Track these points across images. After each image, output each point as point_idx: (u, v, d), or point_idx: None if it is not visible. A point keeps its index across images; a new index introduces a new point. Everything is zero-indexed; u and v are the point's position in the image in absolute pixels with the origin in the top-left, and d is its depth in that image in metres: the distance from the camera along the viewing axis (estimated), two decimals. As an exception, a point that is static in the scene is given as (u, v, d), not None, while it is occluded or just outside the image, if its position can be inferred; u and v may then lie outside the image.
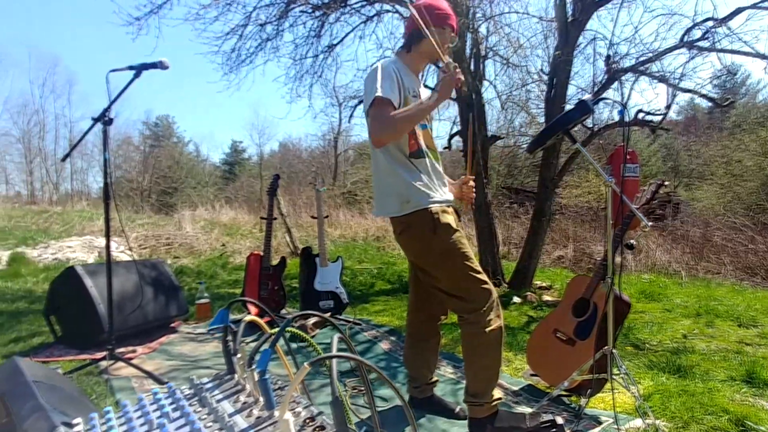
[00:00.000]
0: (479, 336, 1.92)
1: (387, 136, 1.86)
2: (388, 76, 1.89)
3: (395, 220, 2.00)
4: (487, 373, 1.94)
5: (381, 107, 1.84)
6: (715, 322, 4.51)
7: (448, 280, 1.95)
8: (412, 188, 1.91)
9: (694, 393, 2.24)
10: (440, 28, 2.00)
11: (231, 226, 11.36)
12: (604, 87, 5.58)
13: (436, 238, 1.91)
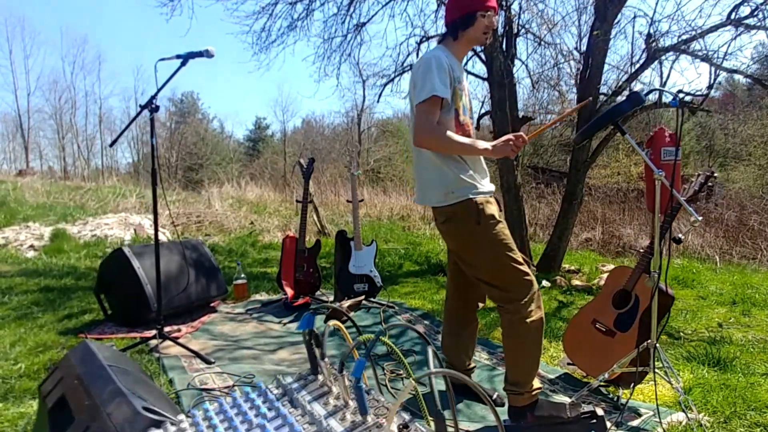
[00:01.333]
0: (520, 326, 1.94)
1: (426, 145, 1.92)
2: (443, 70, 1.90)
3: (438, 210, 2.02)
4: (528, 362, 1.97)
5: (434, 107, 1.87)
6: (752, 311, 4.44)
7: (490, 271, 1.97)
8: (459, 180, 1.93)
9: (735, 387, 2.24)
10: (484, 11, 1.98)
11: (258, 204, 11.53)
12: (642, 67, 5.42)
13: (480, 228, 1.93)
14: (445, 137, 1.88)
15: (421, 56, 2.01)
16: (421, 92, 1.88)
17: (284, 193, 14.41)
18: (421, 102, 1.87)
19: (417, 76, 1.94)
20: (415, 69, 1.98)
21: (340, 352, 2.83)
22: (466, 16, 1.98)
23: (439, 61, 1.90)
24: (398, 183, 21.09)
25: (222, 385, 2.17)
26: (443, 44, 2.07)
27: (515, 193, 6.00)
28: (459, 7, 2.00)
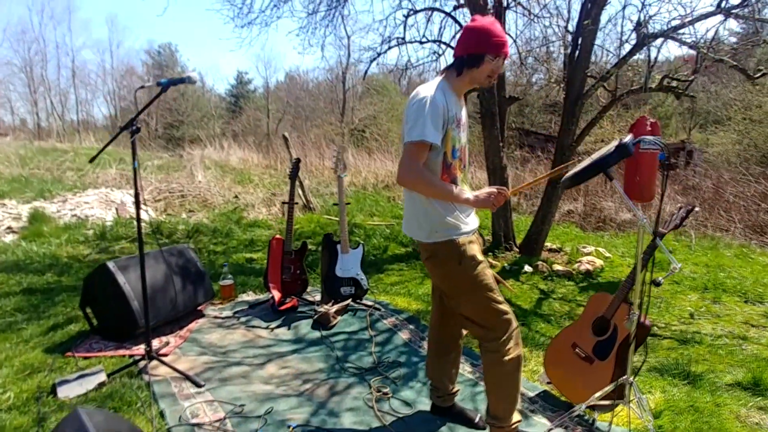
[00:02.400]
0: (499, 365, 2.03)
1: (408, 186, 1.97)
2: (437, 114, 1.89)
3: (422, 245, 2.07)
4: (507, 399, 2.06)
5: (420, 151, 1.88)
6: (722, 297, 4.62)
7: (471, 309, 2.05)
8: (443, 221, 1.97)
9: (702, 410, 2.37)
10: (495, 55, 1.95)
11: (242, 171, 11.37)
12: (631, 53, 5.36)
13: (461, 268, 1.99)
14: (428, 183, 1.91)
15: (418, 91, 1.96)
16: (412, 132, 1.88)
17: (268, 157, 14.19)
18: (410, 143, 1.87)
19: (410, 114, 1.93)
20: (409, 103, 1.96)
21: (327, 365, 2.90)
22: (475, 56, 1.95)
23: (434, 103, 1.88)
24: (383, 143, 20.90)
25: (213, 418, 2.22)
26: (446, 77, 2.03)
27: (500, 174, 6.01)
28: (470, 45, 1.96)
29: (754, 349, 3.40)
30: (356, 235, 6.62)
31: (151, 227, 6.18)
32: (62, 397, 2.33)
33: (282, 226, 7.09)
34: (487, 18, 2.00)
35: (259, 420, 2.23)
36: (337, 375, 2.78)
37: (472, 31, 1.96)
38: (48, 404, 2.29)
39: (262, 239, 6.33)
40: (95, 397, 2.36)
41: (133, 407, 2.28)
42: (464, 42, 1.98)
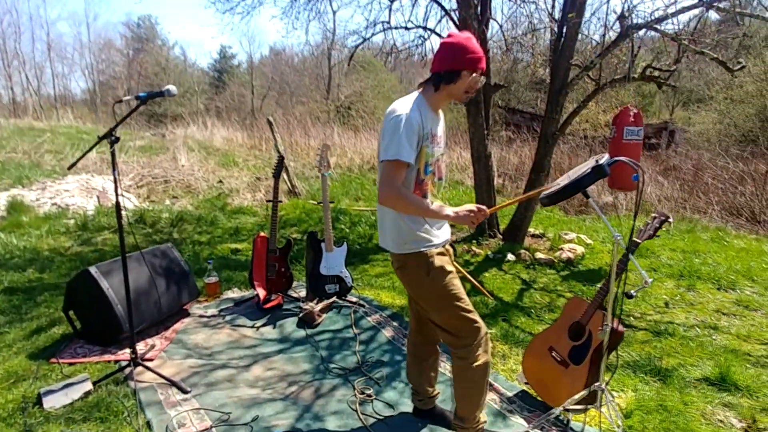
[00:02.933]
0: (467, 370, 2.12)
1: (389, 205, 1.99)
2: (412, 132, 1.91)
3: (393, 256, 2.14)
4: (473, 402, 2.17)
5: (398, 170, 1.92)
6: (697, 285, 4.76)
7: (440, 317, 2.12)
8: (413, 234, 2.04)
9: (671, 409, 2.48)
10: (471, 71, 1.98)
11: (226, 153, 11.23)
12: (615, 43, 5.37)
13: (430, 279, 2.06)
14: (409, 203, 1.95)
15: (394, 107, 1.98)
16: (387, 150, 1.91)
17: (253, 136, 14.02)
18: (387, 161, 1.91)
19: (386, 131, 1.95)
20: (386, 119, 1.98)
21: (312, 365, 2.96)
22: (452, 72, 1.97)
23: (409, 121, 1.90)
24: (369, 120, 20.75)
25: (200, 428, 2.27)
26: (423, 93, 2.05)
27: (485, 162, 6.05)
28: (447, 61, 1.98)
29: (723, 339, 3.54)
30: (341, 222, 6.64)
31: (135, 216, 6.14)
32: (48, 408, 2.36)
33: (266, 212, 7.08)
34: (464, 34, 2.02)
35: (245, 428, 2.29)
36: (322, 376, 2.85)
37: (449, 47, 1.98)
38: (34, 415, 2.31)
39: (247, 227, 6.32)
40: (81, 407, 2.39)
41: (119, 417, 2.32)
42: (441, 58, 1.99)
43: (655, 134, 14.76)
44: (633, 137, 5.30)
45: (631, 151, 5.37)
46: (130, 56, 26.43)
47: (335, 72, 23.55)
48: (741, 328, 3.74)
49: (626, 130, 5.27)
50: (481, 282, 4.51)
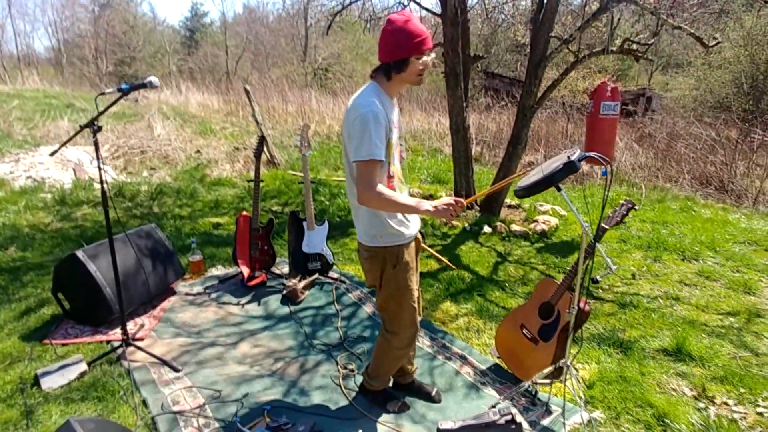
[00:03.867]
0: (388, 349, 2.37)
1: (371, 206, 2.03)
2: (380, 128, 1.93)
3: (364, 246, 2.20)
4: (382, 370, 2.47)
5: (374, 169, 1.94)
6: (663, 256, 5.01)
7: (389, 305, 2.27)
8: (385, 225, 2.11)
9: (630, 380, 2.71)
10: (419, 55, 1.98)
11: (202, 120, 11.04)
12: (594, 16, 5.42)
13: (394, 272, 2.18)
14: (389, 200, 1.98)
15: (357, 103, 1.99)
16: (359, 150, 1.92)
17: (229, 101, 13.76)
18: (362, 162, 1.93)
19: (354, 129, 1.95)
20: (350, 116, 1.98)
21: (297, 342, 3.10)
22: (400, 61, 1.98)
23: (377, 118, 1.92)
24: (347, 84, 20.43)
25: (194, 404, 2.41)
26: (376, 81, 2.06)
27: (463, 134, 6.14)
28: (393, 51, 1.97)
29: (683, 310, 3.79)
30: (321, 194, 6.70)
31: (113, 190, 6.10)
32: (46, 389, 2.46)
33: (246, 184, 7.09)
34: (402, 17, 1.97)
35: (236, 404, 2.43)
36: (306, 352, 3.00)
37: (392, 35, 1.95)
38: (33, 396, 2.42)
39: (227, 200, 6.34)
40: (78, 387, 2.50)
41: (116, 396, 2.44)
42: (386, 48, 1.98)
43: (633, 101, 14.96)
44: (609, 112, 5.44)
45: (606, 125, 5.53)
46: (95, 13, 25.21)
47: (312, 33, 22.95)
48: (701, 298, 4.00)
49: (603, 105, 5.40)
50: (458, 256, 4.68)
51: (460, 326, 3.35)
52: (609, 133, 5.63)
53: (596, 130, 5.50)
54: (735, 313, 3.77)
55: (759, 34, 14.41)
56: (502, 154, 10.44)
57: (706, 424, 2.39)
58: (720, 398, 2.64)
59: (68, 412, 2.32)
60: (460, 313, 3.53)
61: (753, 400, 2.63)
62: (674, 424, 2.37)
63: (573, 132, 11.36)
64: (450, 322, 3.41)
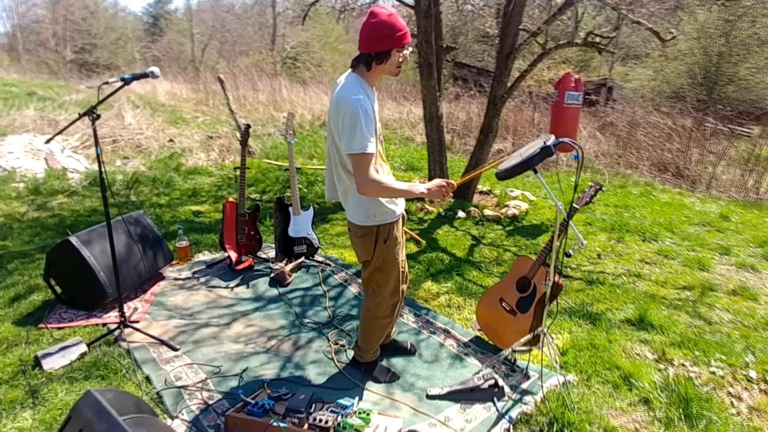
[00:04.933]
0: (372, 321, 2.56)
1: (371, 194, 2.17)
2: (369, 121, 2.07)
3: (357, 226, 2.35)
4: (369, 341, 2.64)
5: (369, 161, 2.07)
6: (625, 237, 5.35)
7: (375, 276, 2.47)
8: (381, 207, 2.28)
9: (598, 346, 2.97)
10: (399, 48, 2.12)
11: (173, 110, 10.88)
12: (560, 10, 5.67)
13: (384, 247, 2.37)
14: (388, 189, 2.15)
15: (343, 94, 2.09)
16: (351, 144, 2.03)
17: (198, 90, 13.56)
18: (356, 155, 2.05)
19: (344, 124, 2.05)
20: (341, 111, 2.06)
21: (288, 321, 3.24)
22: (382, 53, 2.10)
23: (366, 111, 2.04)
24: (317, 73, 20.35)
25: (196, 380, 2.53)
26: (358, 73, 2.18)
27: (437, 123, 6.32)
28: (374, 44, 2.09)
29: (644, 285, 4.11)
30: (299, 182, 6.79)
31: (88, 180, 6.04)
32: (48, 369, 2.53)
33: (222, 173, 7.11)
34: (385, 11, 2.07)
35: (237, 378, 2.57)
36: (298, 330, 3.14)
37: (374, 28, 2.06)
38: (35, 377, 2.48)
39: (204, 188, 6.37)
40: (80, 366, 2.57)
41: (118, 375, 2.53)
42: (367, 40, 2.08)
43: (595, 90, 15.48)
44: (573, 102, 5.71)
45: (570, 114, 5.81)
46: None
47: (280, 21, 22.69)
48: (660, 275, 4.33)
49: (567, 95, 5.67)
50: (435, 239, 4.89)
51: (442, 303, 3.56)
52: (573, 121, 5.91)
53: (561, 118, 5.77)
54: (690, 287, 4.11)
55: (711, 27, 15.14)
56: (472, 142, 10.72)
57: (666, 382, 2.66)
58: (678, 360, 2.93)
59: (73, 390, 2.40)
60: (441, 291, 3.73)
61: (706, 361, 2.93)
62: (639, 383, 2.64)
63: (539, 121, 11.73)
64: (432, 300, 3.61)
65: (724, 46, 14.93)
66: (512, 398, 2.52)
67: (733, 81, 15.23)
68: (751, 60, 14.86)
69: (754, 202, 7.99)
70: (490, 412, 2.43)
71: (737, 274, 4.49)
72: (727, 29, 14.65)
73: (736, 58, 14.85)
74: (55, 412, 2.25)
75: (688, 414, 2.40)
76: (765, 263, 4.78)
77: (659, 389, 2.60)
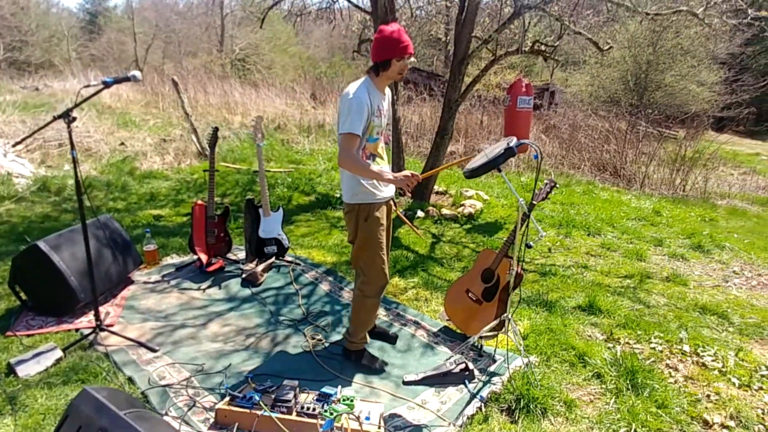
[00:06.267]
0: (361, 301, 2.78)
1: (346, 168, 2.52)
2: (361, 109, 2.43)
3: (345, 204, 2.70)
4: (359, 324, 2.82)
5: (351, 141, 2.45)
6: (572, 232, 5.74)
7: (361, 255, 2.72)
8: (360, 186, 2.59)
9: (555, 330, 3.24)
10: (399, 58, 2.49)
11: (121, 112, 10.52)
12: (510, 19, 6.01)
13: (366, 224, 2.64)
14: (360, 167, 2.49)
15: (348, 89, 2.50)
16: (344, 126, 2.45)
17: (146, 93, 13.14)
18: (343, 134, 2.44)
19: (344, 109, 2.46)
20: (343, 100, 2.49)
21: (263, 319, 3.32)
22: (385, 61, 2.50)
23: (360, 103, 2.43)
24: (267, 76, 20.15)
25: (180, 378, 2.58)
26: (369, 77, 2.57)
27: (395, 126, 6.52)
28: (380, 53, 2.50)
29: (591, 275, 4.46)
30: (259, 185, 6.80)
31: (36, 184, 5.82)
32: (23, 376, 2.51)
33: (180, 176, 7.01)
34: (391, 27, 2.50)
35: (221, 375, 2.64)
36: (274, 328, 3.24)
37: (380, 41, 2.48)
38: (11, 384, 2.46)
39: (162, 192, 6.28)
40: (57, 372, 2.56)
41: (99, 378, 2.54)
42: (375, 51, 2.51)
43: (539, 95, 16.25)
44: (525, 105, 6.07)
45: (523, 117, 6.17)
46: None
47: (228, 22, 22.30)
48: (604, 266, 4.71)
49: (519, 99, 6.02)
50: (397, 238, 5.08)
51: (410, 297, 3.74)
52: (525, 124, 6.28)
53: (514, 122, 6.12)
54: (630, 276, 4.51)
55: (641, 37, 16.23)
56: (426, 144, 11.04)
57: (614, 358, 2.96)
58: (623, 339, 3.25)
59: (53, 395, 2.40)
60: (408, 286, 3.92)
61: (647, 338, 3.27)
62: (592, 360, 2.92)
63: (488, 123, 12.21)
64: (400, 294, 3.79)
65: (652, 54, 16.04)
66: (481, 380, 2.74)
67: (660, 87, 16.40)
68: (676, 68, 16.06)
69: (681, 198, 8.73)
70: (462, 393, 2.63)
71: (670, 263, 4.96)
72: (654, 39, 15.75)
73: (662, 66, 15.98)
74: (37, 417, 2.25)
75: (634, 384, 2.70)
76: (693, 253, 5.29)
77: (609, 365, 2.89)
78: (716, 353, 3.10)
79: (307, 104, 14.40)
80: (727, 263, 5.03)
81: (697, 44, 15.38)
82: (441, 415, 2.45)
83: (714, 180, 10.05)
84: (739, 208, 8.28)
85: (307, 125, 11.55)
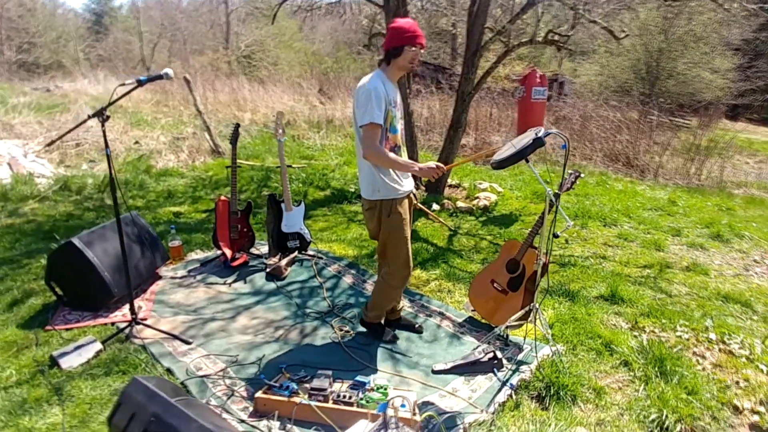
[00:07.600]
0: (384, 286, 2.88)
1: (372, 160, 2.54)
2: (379, 99, 2.45)
3: (366, 200, 2.72)
4: (380, 305, 2.98)
5: (374, 131, 2.47)
6: (588, 223, 5.75)
7: (387, 249, 2.79)
8: (383, 181, 2.61)
9: (579, 319, 3.27)
10: (411, 46, 2.53)
11: (133, 111, 10.61)
12: (523, 10, 6.01)
13: (389, 220, 2.69)
14: (386, 158, 2.51)
15: (363, 82, 2.53)
16: (363, 117, 2.45)
17: (155, 92, 13.23)
18: (365, 126, 2.45)
19: (359, 101, 2.49)
20: (357, 93, 2.52)
21: (290, 312, 3.37)
22: (397, 48, 2.53)
23: (377, 92, 2.45)
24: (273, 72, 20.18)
25: (216, 369, 2.64)
26: (381, 69, 2.60)
27: (408, 119, 6.54)
28: (392, 40, 2.55)
29: (610, 266, 4.48)
30: (274, 181, 6.87)
31: (57, 184, 5.91)
32: (66, 368, 2.58)
33: (195, 173, 7.08)
34: (404, 20, 2.58)
35: (255, 365, 2.70)
36: (302, 320, 3.29)
37: (393, 29, 2.55)
38: (55, 375, 2.53)
39: (179, 189, 6.34)
40: (98, 363, 2.63)
41: (138, 369, 2.60)
42: (388, 39, 2.57)
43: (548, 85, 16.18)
44: (539, 97, 6.09)
45: (537, 108, 6.19)
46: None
47: (233, 18, 22.33)
48: (623, 256, 4.72)
49: (534, 90, 6.04)
50: (415, 231, 5.11)
51: (433, 289, 3.78)
52: (539, 115, 6.31)
53: (529, 112, 6.15)
54: (650, 266, 4.52)
55: (652, 24, 16.08)
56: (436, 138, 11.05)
57: (641, 346, 2.99)
58: (648, 328, 3.27)
59: (97, 385, 2.47)
60: (431, 278, 3.96)
61: (672, 327, 3.29)
62: (618, 348, 2.95)
63: (498, 116, 12.17)
64: (423, 286, 3.83)
65: (664, 42, 15.89)
66: (510, 368, 2.78)
67: (672, 75, 16.24)
68: (688, 55, 15.89)
69: (697, 188, 8.69)
70: (491, 381, 2.67)
71: (689, 253, 4.96)
72: (665, 26, 15.60)
73: (674, 54, 15.83)
74: (83, 406, 2.32)
75: (663, 371, 2.73)
76: (712, 242, 5.28)
77: (636, 353, 2.93)
78: (743, 341, 3.12)
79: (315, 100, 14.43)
80: (747, 252, 5.03)
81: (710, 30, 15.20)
82: (472, 402, 2.49)
83: (730, 169, 9.99)
84: (757, 197, 8.24)
85: (317, 121, 11.58)
